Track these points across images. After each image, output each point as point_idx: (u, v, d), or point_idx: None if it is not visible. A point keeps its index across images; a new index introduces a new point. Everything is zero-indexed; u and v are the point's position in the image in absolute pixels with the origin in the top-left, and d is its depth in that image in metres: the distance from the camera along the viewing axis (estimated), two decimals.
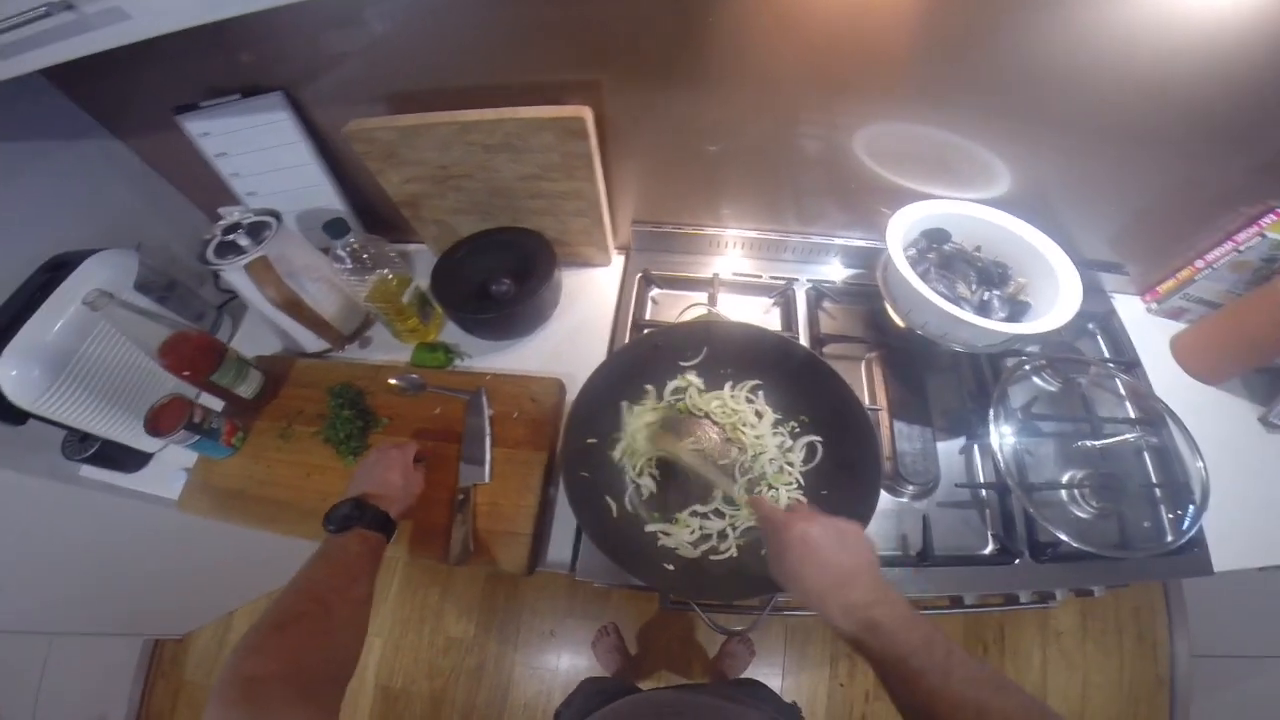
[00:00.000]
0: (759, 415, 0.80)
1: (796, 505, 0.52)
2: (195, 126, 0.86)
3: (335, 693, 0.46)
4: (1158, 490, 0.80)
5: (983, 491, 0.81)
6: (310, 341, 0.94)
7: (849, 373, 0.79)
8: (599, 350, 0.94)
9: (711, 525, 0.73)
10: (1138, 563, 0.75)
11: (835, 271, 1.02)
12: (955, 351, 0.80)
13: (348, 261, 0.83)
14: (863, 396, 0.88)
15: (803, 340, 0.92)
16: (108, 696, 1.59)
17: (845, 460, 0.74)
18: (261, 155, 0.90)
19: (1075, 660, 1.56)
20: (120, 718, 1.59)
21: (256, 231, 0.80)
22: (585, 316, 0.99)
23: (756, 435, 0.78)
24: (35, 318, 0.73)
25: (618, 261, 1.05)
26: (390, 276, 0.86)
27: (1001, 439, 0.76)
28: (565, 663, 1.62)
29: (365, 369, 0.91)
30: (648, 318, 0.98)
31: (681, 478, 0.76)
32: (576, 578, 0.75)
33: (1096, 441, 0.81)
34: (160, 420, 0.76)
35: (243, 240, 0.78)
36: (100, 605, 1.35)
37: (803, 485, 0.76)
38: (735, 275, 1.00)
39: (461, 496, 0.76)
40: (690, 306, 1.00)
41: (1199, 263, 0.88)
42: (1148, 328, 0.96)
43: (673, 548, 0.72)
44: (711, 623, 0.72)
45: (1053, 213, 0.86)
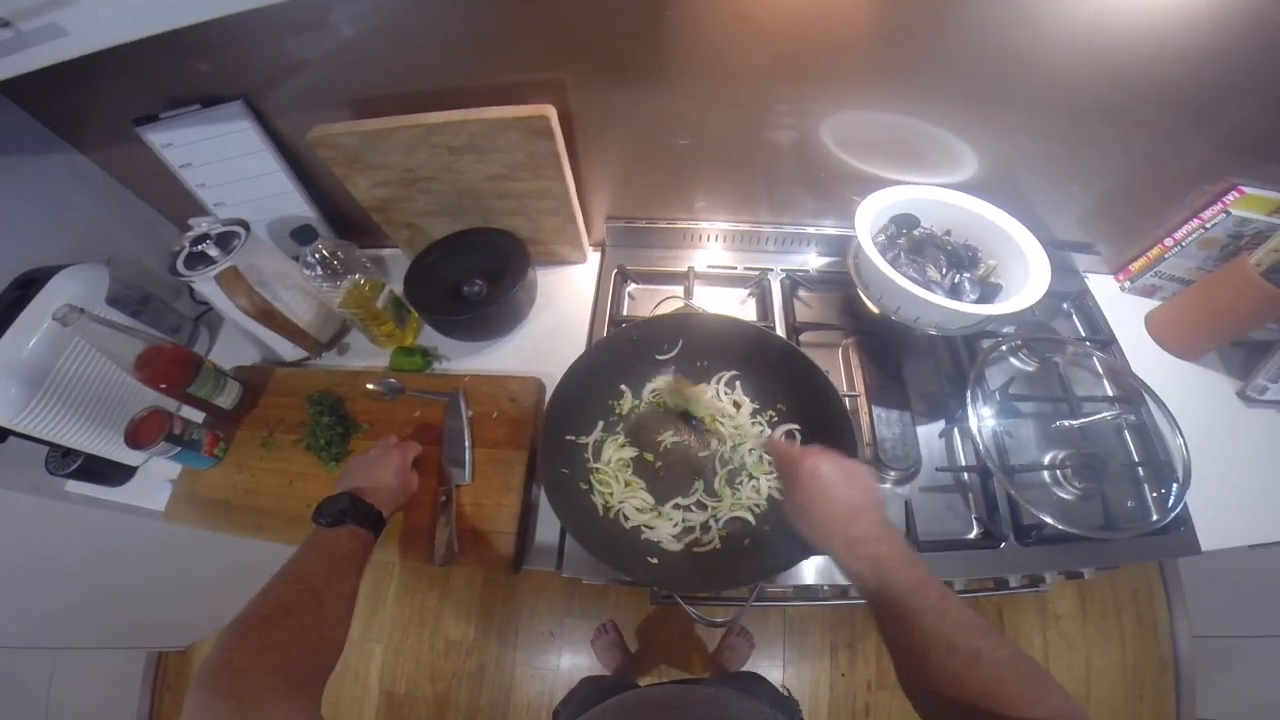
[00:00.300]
0: (736, 406, 0.80)
1: (810, 447, 0.55)
2: (157, 138, 0.85)
3: (321, 684, 0.46)
4: (1140, 469, 0.80)
5: (964, 475, 0.81)
6: (288, 350, 0.94)
7: (826, 360, 0.79)
8: (578, 347, 0.93)
9: (694, 518, 0.73)
10: (1124, 543, 0.75)
11: (811, 260, 1.02)
12: (930, 335, 0.80)
13: (318, 268, 0.83)
14: (840, 383, 0.88)
15: (779, 330, 0.92)
16: (116, 710, 1.60)
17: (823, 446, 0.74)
18: (226, 165, 0.89)
19: (1076, 643, 1.56)
20: None
21: (225, 242, 0.80)
22: (563, 314, 0.99)
23: (735, 425, 0.78)
24: (8, 335, 0.73)
25: (594, 258, 1.05)
26: (363, 281, 0.86)
27: (980, 421, 0.76)
28: (566, 662, 1.63)
29: (344, 375, 0.91)
30: (625, 313, 0.98)
31: (662, 472, 0.75)
32: (563, 574, 0.75)
33: (1076, 421, 0.81)
34: (140, 433, 0.76)
35: (212, 251, 0.78)
36: (100, 619, 1.36)
37: None
38: (711, 268, 1.00)
39: (444, 498, 0.76)
40: (666, 299, 1.00)
41: (1168, 240, 0.89)
42: (1122, 306, 0.96)
43: (656, 541, 0.72)
44: (697, 615, 0.72)
45: (1021, 195, 0.86)
